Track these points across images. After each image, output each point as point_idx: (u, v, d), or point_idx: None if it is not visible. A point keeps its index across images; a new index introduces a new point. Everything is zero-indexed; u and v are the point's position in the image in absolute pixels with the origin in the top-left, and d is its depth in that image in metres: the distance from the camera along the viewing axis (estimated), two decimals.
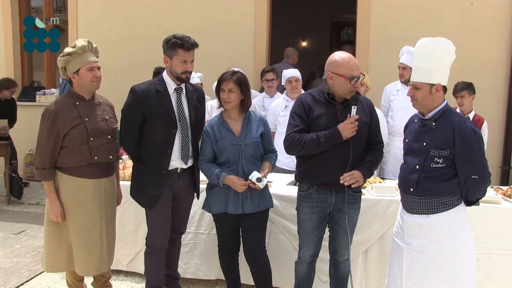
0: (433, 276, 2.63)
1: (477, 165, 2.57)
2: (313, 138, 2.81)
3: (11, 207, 6.13)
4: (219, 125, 3.16)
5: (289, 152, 3.01)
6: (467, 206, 2.71)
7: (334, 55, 2.92)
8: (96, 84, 3.09)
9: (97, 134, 3.07)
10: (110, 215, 3.23)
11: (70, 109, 3.04)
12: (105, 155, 3.12)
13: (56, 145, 3.01)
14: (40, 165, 3.04)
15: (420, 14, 5.92)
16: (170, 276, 3.50)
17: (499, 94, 5.81)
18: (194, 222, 3.76)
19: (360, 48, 6.18)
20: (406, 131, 2.86)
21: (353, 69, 2.83)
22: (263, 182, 3.03)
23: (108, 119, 3.17)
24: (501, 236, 3.35)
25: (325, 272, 3.35)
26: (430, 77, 2.61)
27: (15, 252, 4.57)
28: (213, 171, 3.08)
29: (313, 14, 9.59)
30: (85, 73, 3.04)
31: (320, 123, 2.86)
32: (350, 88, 2.84)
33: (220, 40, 6.55)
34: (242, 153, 3.10)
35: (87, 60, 3.04)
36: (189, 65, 3.11)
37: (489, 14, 5.76)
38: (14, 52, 7.60)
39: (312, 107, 2.90)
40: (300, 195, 3.05)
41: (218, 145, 3.11)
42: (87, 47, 3.06)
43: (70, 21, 7.23)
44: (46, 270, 3.27)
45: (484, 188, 2.68)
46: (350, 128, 2.79)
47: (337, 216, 2.98)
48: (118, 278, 3.95)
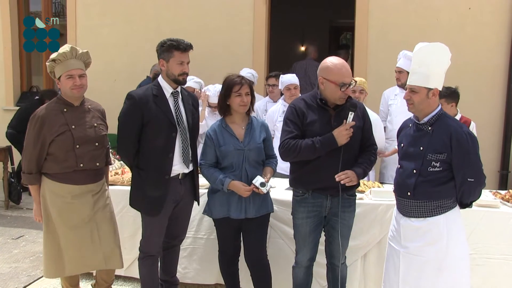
0: (431, 279, 2.64)
1: (473, 168, 2.61)
2: (309, 144, 2.81)
3: (9, 212, 6.13)
4: (222, 129, 3.14)
5: (285, 159, 3.00)
6: (461, 209, 2.73)
7: (327, 61, 2.92)
8: (76, 92, 3.05)
9: (84, 141, 3.06)
10: (103, 217, 3.19)
11: (57, 116, 3.03)
12: (91, 162, 3.11)
13: (42, 151, 3.03)
14: (27, 170, 3.06)
15: (419, 18, 5.94)
16: (169, 282, 3.49)
17: (497, 98, 5.83)
18: (193, 227, 3.76)
19: (358, 52, 6.20)
20: (400, 135, 2.87)
21: (344, 75, 2.83)
22: (266, 187, 3.03)
23: (97, 126, 3.15)
24: (499, 240, 3.34)
25: (324, 277, 3.35)
26: (428, 81, 2.63)
27: (14, 257, 4.56)
28: (217, 177, 3.06)
29: (311, 19, 9.61)
30: (65, 80, 3.03)
31: (313, 128, 2.87)
32: (340, 95, 2.84)
33: (219, 44, 6.57)
34: (246, 158, 3.10)
35: (67, 67, 3.02)
36: (186, 67, 3.11)
37: (487, 19, 5.78)
38: (13, 57, 7.59)
39: (305, 113, 2.90)
40: (296, 199, 3.05)
41: (222, 149, 3.09)
42: (69, 53, 3.03)
43: (69, 25, 7.22)
44: (45, 275, 3.26)
45: (479, 191, 2.70)
46: (345, 134, 2.79)
47: (333, 220, 2.99)
48: (117, 283, 3.94)
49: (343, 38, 11.38)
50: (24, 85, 7.92)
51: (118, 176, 3.93)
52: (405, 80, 4.64)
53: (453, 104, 4.13)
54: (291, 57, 9.89)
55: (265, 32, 6.60)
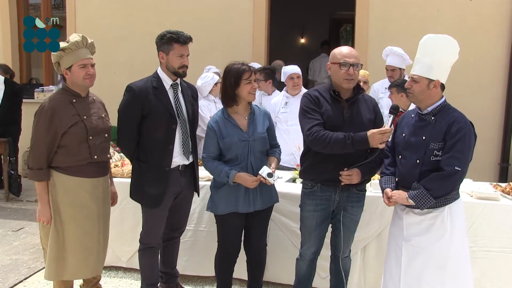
0: (434, 271, 2.63)
1: (463, 155, 2.54)
2: (340, 138, 2.74)
3: (9, 204, 6.13)
4: (224, 120, 3.03)
5: (314, 147, 2.86)
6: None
7: (334, 49, 2.96)
8: (89, 82, 2.98)
9: (95, 132, 2.98)
10: (105, 215, 3.16)
11: (67, 107, 2.93)
12: (104, 154, 3.06)
13: (53, 144, 2.89)
14: (36, 166, 2.90)
15: (419, 10, 5.91)
16: (169, 274, 3.51)
17: (497, 90, 5.81)
18: (194, 220, 3.77)
19: (358, 44, 6.17)
20: (401, 124, 2.84)
21: (345, 55, 2.83)
22: (273, 177, 2.96)
23: (104, 117, 3.10)
24: (499, 233, 3.34)
25: (324, 268, 3.37)
26: (430, 72, 2.62)
27: (14, 250, 4.57)
28: (222, 169, 2.95)
29: (312, 11, 9.58)
30: (78, 70, 2.93)
31: (326, 119, 2.84)
32: (343, 75, 2.81)
33: (219, 36, 6.54)
34: (251, 149, 3.01)
35: (79, 57, 2.93)
36: (186, 59, 3.09)
37: (488, 11, 5.76)
38: (12, 49, 7.57)
39: (320, 101, 2.88)
40: (304, 192, 3.04)
41: (225, 141, 2.99)
42: (80, 42, 2.95)
43: (68, 18, 7.21)
44: (46, 277, 3.08)
45: (452, 184, 2.58)
46: (379, 138, 2.70)
47: (340, 213, 2.98)
48: (117, 275, 3.95)
49: (343, 30, 11.33)
50: (23, 77, 7.90)
51: (118, 168, 3.92)
52: (398, 77, 4.64)
53: (403, 94, 3.95)
54: (291, 49, 9.87)
55: (265, 24, 6.57)
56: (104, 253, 3.18)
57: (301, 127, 2.91)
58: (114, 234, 3.86)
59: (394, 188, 2.77)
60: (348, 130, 2.76)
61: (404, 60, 4.66)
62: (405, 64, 4.66)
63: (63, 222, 2.97)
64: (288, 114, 4.56)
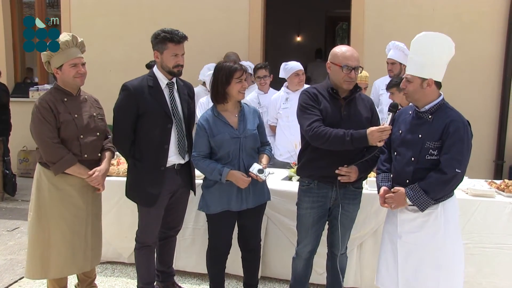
0: (429, 267, 2.64)
1: (461, 156, 2.54)
2: (339, 134, 2.74)
3: (4, 204, 6.11)
4: (214, 118, 3.02)
5: (314, 143, 2.86)
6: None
7: (335, 48, 2.96)
8: (80, 81, 3.01)
9: (86, 131, 3.02)
10: (96, 213, 3.17)
11: (60, 105, 2.97)
12: (94, 152, 3.08)
13: (56, 136, 2.93)
14: (55, 158, 2.91)
15: (415, 8, 5.92)
16: (165, 272, 3.50)
17: (492, 88, 5.83)
18: (192, 218, 3.77)
19: (354, 42, 6.17)
20: (398, 121, 2.83)
21: (347, 58, 2.83)
22: (265, 173, 2.96)
23: (96, 115, 3.12)
24: (494, 229, 3.36)
25: (321, 265, 3.37)
26: (422, 71, 2.61)
27: (9, 249, 4.55)
28: (214, 167, 2.94)
29: (307, 9, 9.57)
30: (68, 69, 2.96)
31: (324, 116, 2.84)
32: (344, 77, 2.83)
33: (214, 35, 6.52)
34: (242, 146, 3.00)
35: (70, 56, 2.97)
36: (181, 59, 3.08)
37: (484, 9, 5.77)
38: (6, 47, 7.53)
39: (319, 98, 2.89)
40: (301, 189, 3.04)
41: (216, 139, 2.98)
42: (71, 42, 2.98)
43: (63, 16, 7.17)
44: (26, 275, 3.11)
45: (451, 187, 2.60)
46: (378, 136, 2.69)
47: (337, 210, 2.98)
48: (113, 274, 3.94)
49: (339, 28, 11.34)
50: (18, 76, 7.86)
51: (113, 167, 3.91)
52: (398, 71, 4.66)
53: None
54: (287, 47, 9.85)
55: (260, 23, 6.56)
56: (95, 251, 3.18)
57: (300, 124, 2.91)
58: (114, 231, 3.88)
59: (390, 186, 2.77)
60: (346, 128, 2.77)
61: (406, 56, 4.66)
62: (407, 60, 4.66)
63: (49, 219, 2.99)
64: (289, 109, 4.55)
